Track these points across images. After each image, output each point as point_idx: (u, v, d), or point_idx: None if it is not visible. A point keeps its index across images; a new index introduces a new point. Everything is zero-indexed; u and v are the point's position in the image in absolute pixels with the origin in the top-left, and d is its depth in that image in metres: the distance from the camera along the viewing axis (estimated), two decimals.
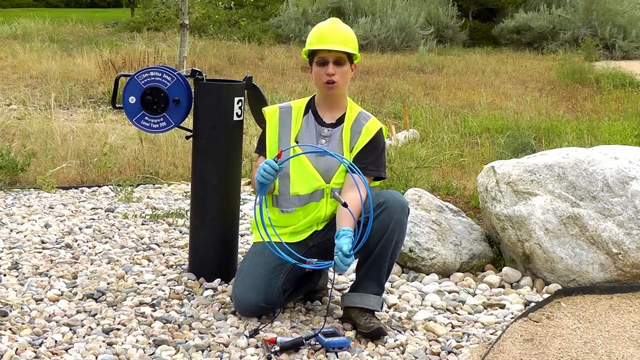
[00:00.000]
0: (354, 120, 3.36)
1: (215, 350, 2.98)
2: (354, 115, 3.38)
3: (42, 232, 4.40)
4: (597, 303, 3.67)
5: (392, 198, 3.20)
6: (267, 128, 3.41)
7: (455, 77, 13.26)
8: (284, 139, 3.36)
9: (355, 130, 3.34)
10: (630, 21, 18.62)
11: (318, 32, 3.34)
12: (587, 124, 8.84)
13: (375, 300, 3.21)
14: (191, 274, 3.74)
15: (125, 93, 3.66)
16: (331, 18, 3.45)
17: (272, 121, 3.41)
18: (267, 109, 3.46)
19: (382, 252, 3.17)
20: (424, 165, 6.38)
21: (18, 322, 3.16)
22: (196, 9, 15.54)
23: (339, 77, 3.30)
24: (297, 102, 3.47)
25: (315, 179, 3.30)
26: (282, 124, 3.38)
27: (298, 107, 3.43)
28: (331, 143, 3.33)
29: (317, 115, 3.39)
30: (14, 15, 24.35)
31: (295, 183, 3.32)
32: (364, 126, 3.34)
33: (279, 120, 3.40)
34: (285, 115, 3.40)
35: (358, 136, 3.32)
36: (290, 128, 3.37)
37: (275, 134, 3.38)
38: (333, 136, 3.34)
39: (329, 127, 3.36)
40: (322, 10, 19.95)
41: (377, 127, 3.37)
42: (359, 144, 3.31)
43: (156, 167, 6.17)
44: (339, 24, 3.36)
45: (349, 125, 3.35)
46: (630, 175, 3.91)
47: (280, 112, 3.41)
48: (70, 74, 11.59)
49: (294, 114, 3.40)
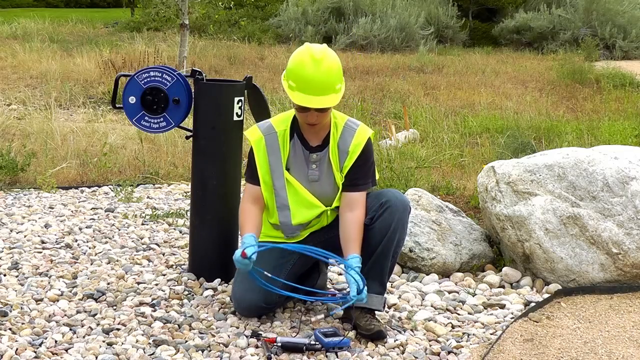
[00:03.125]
0: (339, 139, 3.24)
1: (215, 350, 2.98)
2: (339, 132, 3.25)
3: (42, 232, 4.40)
4: (597, 303, 3.67)
5: (394, 197, 3.20)
6: (255, 156, 3.27)
7: (455, 77, 13.26)
8: (275, 168, 3.26)
9: (342, 149, 3.23)
10: (630, 21, 18.61)
11: (299, 74, 3.10)
12: (587, 124, 8.83)
13: (377, 300, 3.21)
14: (191, 274, 3.74)
15: (125, 93, 3.66)
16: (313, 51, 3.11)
17: (259, 150, 3.27)
18: (250, 135, 3.30)
19: (384, 251, 3.18)
20: (424, 165, 6.38)
21: (18, 322, 3.16)
22: (196, 9, 15.53)
23: (322, 118, 3.18)
24: (280, 124, 3.29)
25: (315, 205, 3.27)
26: (271, 152, 3.26)
27: (282, 130, 3.27)
28: (321, 167, 3.26)
29: (302, 139, 3.27)
30: (14, 15, 24.34)
31: (297, 214, 3.28)
32: (351, 144, 3.23)
33: (266, 148, 3.26)
34: (272, 142, 3.26)
35: (346, 155, 3.23)
36: (280, 156, 3.26)
37: (265, 163, 3.26)
38: (322, 159, 3.26)
39: (317, 152, 3.25)
40: (322, 10, 19.93)
41: (364, 139, 3.24)
42: (347, 162, 3.23)
43: (156, 167, 6.17)
44: (322, 63, 3.09)
45: (335, 144, 3.24)
46: (630, 175, 3.91)
47: (266, 139, 3.26)
48: (70, 74, 11.59)
49: (280, 140, 3.26)
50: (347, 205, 3.22)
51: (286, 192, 3.26)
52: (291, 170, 3.27)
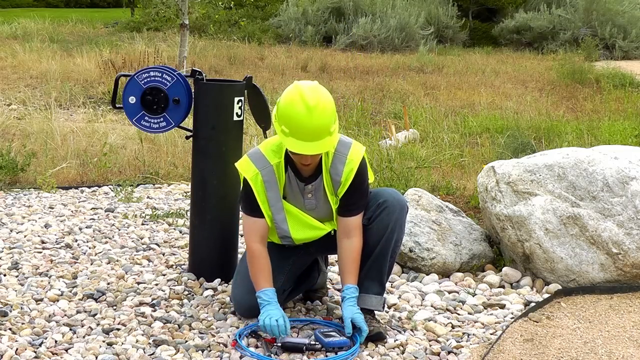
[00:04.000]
0: (330, 167, 3.15)
1: (215, 350, 2.98)
2: (330, 159, 3.15)
3: (42, 232, 4.40)
4: (597, 303, 3.67)
5: (391, 197, 3.20)
6: (254, 192, 3.15)
7: (455, 77, 13.26)
8: (274, 202, 3.18)
9: (335, 178, 3.16)
10: (630, 21, 18.62)
11: (292, 121, 2.98)
12: (587, 124, 8.83)
13: (376, 300, 3.21)
14: (191, 274, 3.74)
15: (125, 93, 3.66)
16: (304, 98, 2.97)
17: (257, 186, 3.15)
18: (244, 171, 3.17)
19: (382, 252, 3.17)
20: (424, 165, 6.38)
21: (18, 322, 3.16)
22: (196, 9, 15.53)
23: (316, 158, 3.10)
24: (273, 155, 3.17)
25: (319, 227, 3.24)
26: (269, 188, 3.16)
27: (277, 163, 3.15)
28: (317, 195, 3.20)
29: (296, 171, 3.18)
30: (14, 15, 24.34)
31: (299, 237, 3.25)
32: (343, 172, 3.14)
33: (264, 184, 3.15)
34: (269, 177, 3.15)
35: (339, 182, 3.16)
36: (277, 189, 3.17)
37: (264, 199, 3.17)
38: (317, 188, 3.20)
39: (311, 182, 3.19)
40: (322, 10, 19.93)
41: (356, 165, 3.13)
42: (341, 189, 3.16)
43: (156, 167, 6.17)
44: (315, 109, 2.96)
45: (327, 171, 3.17)
46: (630, 175, 3.91)
47: (262, 174, 3.14)
48: (70, 74, 11.59)
49: (277, 173, 3.16)
50: (344, 232, 3.17)
51: (287, 224, 3.22)
52: (288, 198, 3.21)
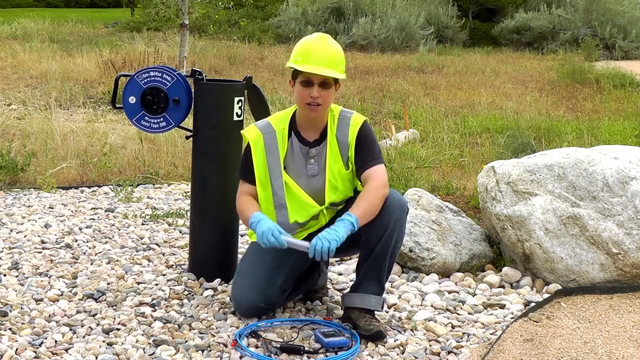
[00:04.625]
0: (336, 130, 3.26)
1: (215, 350, 2.98)
2: (335, 123, 3.26)
3: (42, 232, 4.40)
4: (597, 303, 3.67)
5: (391, 198, 3.20)
6: (252, 154, 3.26)
7: (455, 77, 13.26)
8: (274, 167, 3.25)
9: (342, 140, 3.24)
10: (630, 21, 18.62)
11: (304, 48, 3.19)
12: (587, 124, 8.83)
13: (375, 301, 3.21)
14: (191, 274, 3.74)
15: (125, 93, 3.66)
16: (319, 34, 3.27)
17: (257, 148, 3.25)
18: (248, 134, 3.29)
19: (382, 252, 3.17)
20: (424, 165, 6.38)
21: (18, 322, 3.16)
22: (196, 9, 15.53)
23: (323, 99, 3.18)
24: (278, 122, 3.30)
25: (310, 205, 3.26)
26: (269, 152, 3.25)
27: (281, 129, 3.27)
28: (320, 160, 3.26)
29: (300, 136, 3.27)
30: (14, 15, 24.34)
31: (294, 213, 3.27)
32: (349, 132, 3.25)
33: (265, 147, 3.25)
34: (271, 141, 3.25)
35: (347, 145, 3.24)
36: (278, 155, 3.25)
37: (263, 163, 3.25)
38: (320, 153, 3.26)
39: (315, 146, 3.26)
40: (322, 10, 19.93)
41: (360, 122, 3.27)
42: (350, 152, 3.24)
43: (156, 167, 6.17)
44: (327, 42, 3.21)
45: (333, 135, 3.25)
46: (630, 175, 3.91)
47: (264, 137, 3.26)
48: (70, 74, 11.59)
49: (279, 138, 3.26)
50: (364, 181, 3.23)
51: (284, 191, 3.25)
52: (288, 169, 3.27)
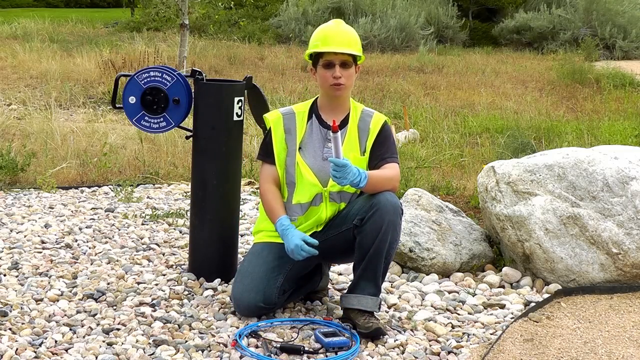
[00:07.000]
0: (359, 120, 3.37)
1: (215, 350, 2.98)
2: (358, 114, 3.38)
3: (42, 232, 4.40)
4: (597, 303, 3.67)
5: (384, 199, 3.20)
6: (272, 135, 3.38)
7: (455, 77, 13.26)
8: (290, 146, 3.35)
9: (363, 128, 3.35)
10: (630, 21, 18.61)
11: (322, 33, 3.31)
12: (587, 124, 8.84)
13: (372, 302, 3.21)
14: (191, 274, 3.74)
15: (125, 93, 3.66)
16: (334, 20, 3.41)
17: (277, 129, 3.37)
18: (269, 116, 3.42)
19: (376, 253, 3.17)
20: (424, 165, 6.38)
21: (18, 322, 3.16)
22: (196, 9, 15.51)
23: (346, 79, 3.29)
24: (300, 107, 3.44)
25: (313, 184, 3.31)
26: (288, 132, 3.36)
27: (301, 111, 3.40)
28: None
29: (320, 119, 3.37)
30: (14, 15, 24.35)
31: (298, 192, 3.33)
32: (371, 122, 3.36)
33: (284, 127, 3.37)
34: (290, 122, 3.38)
35: (367, 134, 3.34)
36: (296, 135, 3.36)
37: (282, 142, 3.36)
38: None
39: None
40: (322, 10, 19.93)
41: (382, 119, 3.39)
42: (369, 140, 3.33)
43: (156, 167, 6.17)
44: (342, 25, 3.34)
45: (355, 124, 3.35)
46: (630, 175, 3.91)
47: (284, 119, 3.38)
48: (70, 74, 11.59)
49: (297, 120, 3.38)
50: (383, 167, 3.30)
51: (295, 169, 3.33)
52: (303, 150, 3.34)
